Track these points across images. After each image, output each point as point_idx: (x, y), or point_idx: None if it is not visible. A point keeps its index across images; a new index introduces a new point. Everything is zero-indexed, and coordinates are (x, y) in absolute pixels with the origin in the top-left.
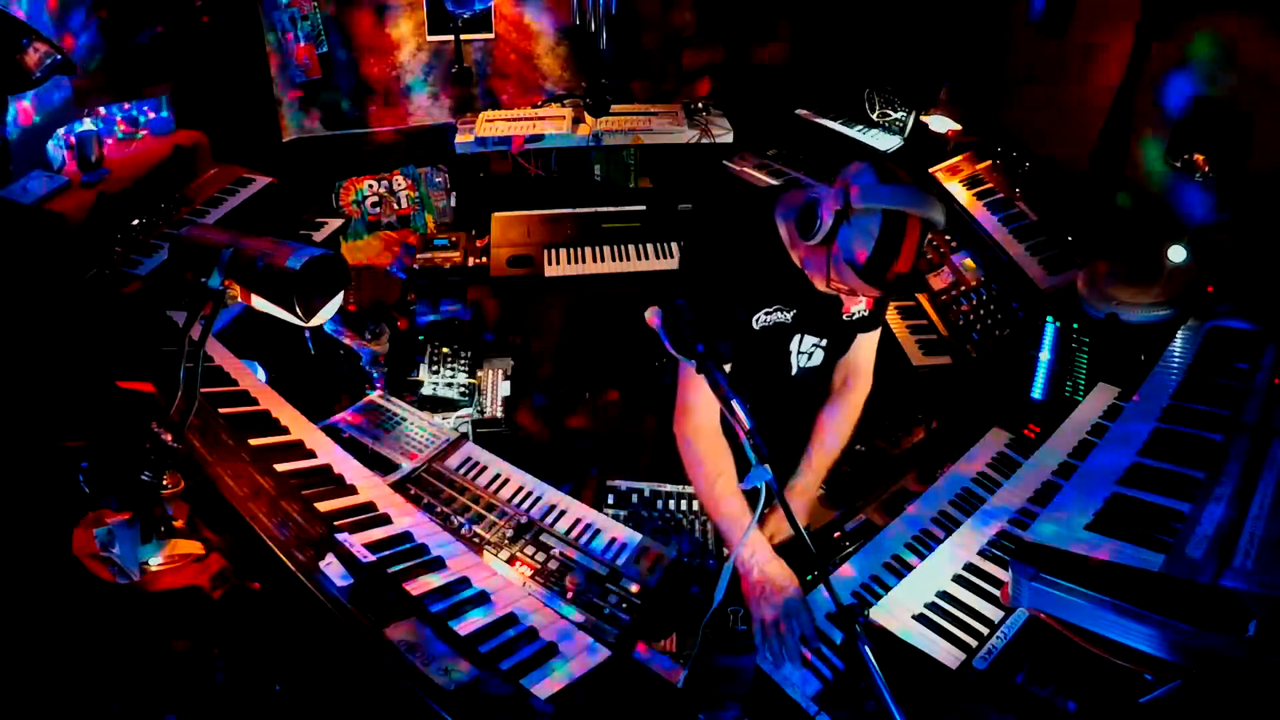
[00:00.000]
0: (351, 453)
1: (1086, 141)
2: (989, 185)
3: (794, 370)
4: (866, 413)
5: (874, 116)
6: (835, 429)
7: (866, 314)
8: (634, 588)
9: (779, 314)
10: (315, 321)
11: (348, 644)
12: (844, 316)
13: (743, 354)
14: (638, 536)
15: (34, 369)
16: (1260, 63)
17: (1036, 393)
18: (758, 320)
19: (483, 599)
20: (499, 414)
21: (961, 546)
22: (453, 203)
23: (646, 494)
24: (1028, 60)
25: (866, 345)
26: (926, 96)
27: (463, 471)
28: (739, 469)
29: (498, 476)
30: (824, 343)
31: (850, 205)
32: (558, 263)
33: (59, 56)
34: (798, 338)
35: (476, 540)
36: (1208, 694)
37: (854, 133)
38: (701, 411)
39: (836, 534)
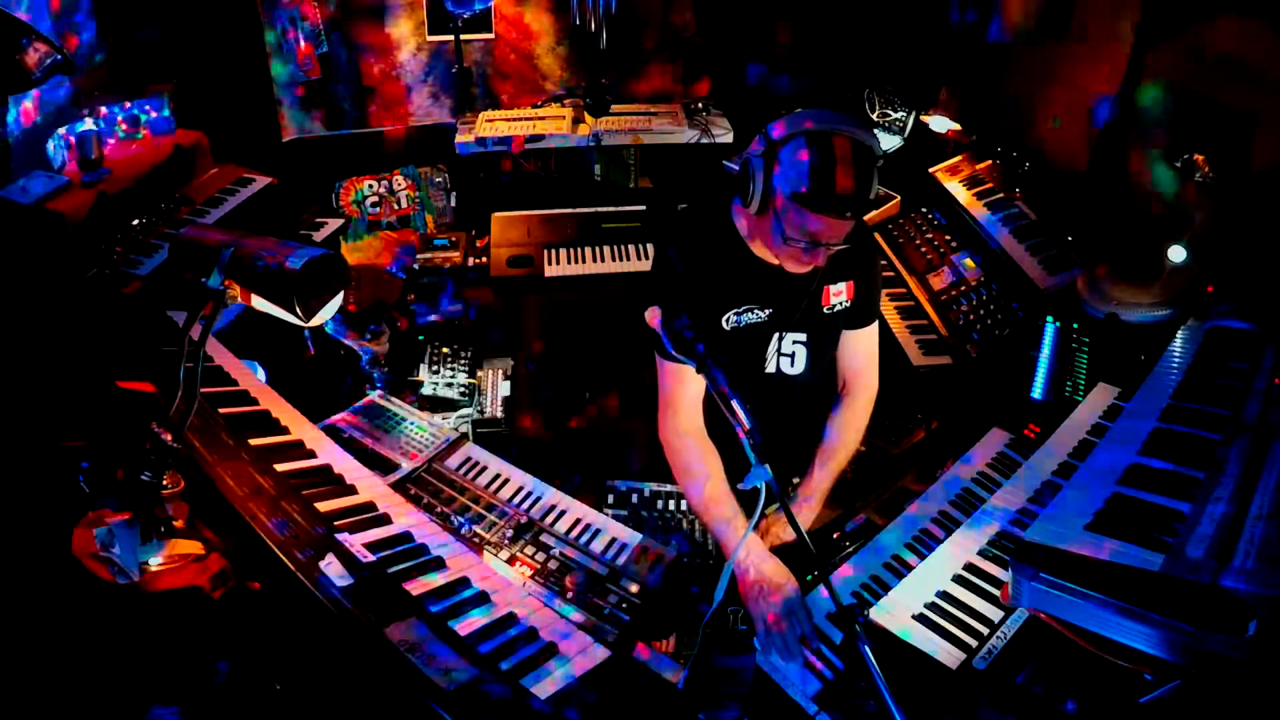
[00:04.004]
0: (351, 453)
1: (1087, 141)
2: (989, 185)
3: (770, 370)
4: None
5: (874, 116)
6: (838, 440)
7: (849, 305)
8: (634, 588)
9: (751, 314)
10: (315, 321)
11: (348, 644)
12: (824, 309)
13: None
14: (638, 536)
15: (34, 369)
16: (1260, 63)
17: (1036, 393)
18: (727, 321)
19: (483, 599)
20: (499, 414)
21: (961, 546)
22: (453, 203)
23: (646, 494)
24: (1028, 61)
25: (862, 344)
26: (926, 96)
27: (463, 471)
28: (737, 470)
29: (498, 476)
30: (805, 338)
31: (772, 141)
32: (558, 263)
33: (59, 56)
34: (776, 337)
35: (476, 540)
36: (1208, 694)
37: None
38: (685, 413)
39: (836, 534)
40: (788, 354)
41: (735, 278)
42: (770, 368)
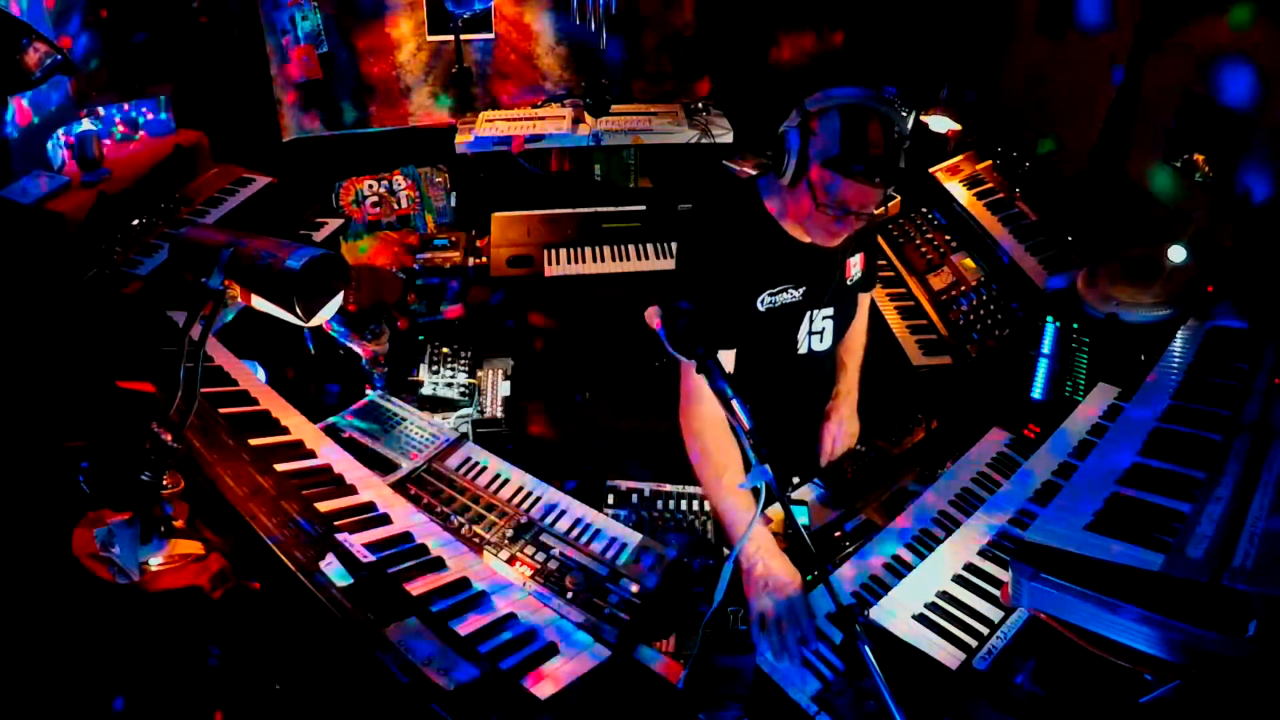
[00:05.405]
0: (351, 453)
1: (1087, 141)
2: (989, 185)
3: (802, 351)
4: (866, 412)
5: None
6: (855, 339)
7: (861, 275)
8: (634, 588)
9: (786, 294)
10: (315, 321)
11: (348, 644)
12: (846, 281)
13: (749, 338)
14: (638, 536)
15: (34, 369)
16: (1259, 62)
17: (1036, 393)
18: (762, 302)
19: (483, 599)
20: (499, 414)
21: (961, 546)
22: (453, 203)
23: (646, 494)
24: (1028, 60)
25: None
26: (926, 96)
27: (463, 471)
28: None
29: (498, 476)
30: (832, 313)
31: (807, 112)
32: (558, 263)
33: (59, 56)
34: (809, 315)
35: (476, 540)
36: (1208, 694)
37: None
38: (708, 402)
39: (836, 534)
40: (818, 331)
41: (769, 258)
42: (802, 349)
